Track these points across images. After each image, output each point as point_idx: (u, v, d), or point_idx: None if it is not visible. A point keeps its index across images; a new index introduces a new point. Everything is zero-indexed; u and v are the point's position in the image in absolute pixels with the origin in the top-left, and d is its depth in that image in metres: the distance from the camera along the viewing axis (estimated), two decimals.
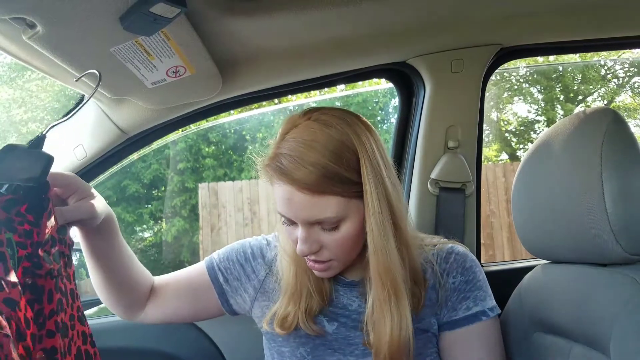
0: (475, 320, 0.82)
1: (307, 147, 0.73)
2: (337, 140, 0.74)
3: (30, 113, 6.14)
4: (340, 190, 0.73)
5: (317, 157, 0.72)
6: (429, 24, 1.08)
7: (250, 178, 5.54)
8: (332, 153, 0.73)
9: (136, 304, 0.93)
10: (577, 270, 0.81)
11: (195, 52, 0.88)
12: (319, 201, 0.73)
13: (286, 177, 0.73)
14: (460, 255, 0.85)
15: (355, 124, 0.76)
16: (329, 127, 0.74)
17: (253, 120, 5.79)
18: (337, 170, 0.72)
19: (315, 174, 0.72)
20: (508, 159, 8.01)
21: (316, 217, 0.74)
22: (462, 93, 1.22)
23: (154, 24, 0.71)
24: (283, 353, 0.88)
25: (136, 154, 1.24)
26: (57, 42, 0.73)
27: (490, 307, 0.84)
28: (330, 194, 0.73)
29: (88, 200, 0.74)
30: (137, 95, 0.99)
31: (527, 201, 0.88)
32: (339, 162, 0.73)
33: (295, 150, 0.73)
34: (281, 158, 0.74)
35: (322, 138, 0.73)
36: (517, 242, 4.83)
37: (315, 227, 0.76)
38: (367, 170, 0.74)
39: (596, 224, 0.73)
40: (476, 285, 0.84)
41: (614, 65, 8.02)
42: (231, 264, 0.94)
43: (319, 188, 0.72)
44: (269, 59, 1.07)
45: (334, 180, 0.72)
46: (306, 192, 0.72)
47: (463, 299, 0.83)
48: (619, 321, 0.67)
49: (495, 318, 0.84)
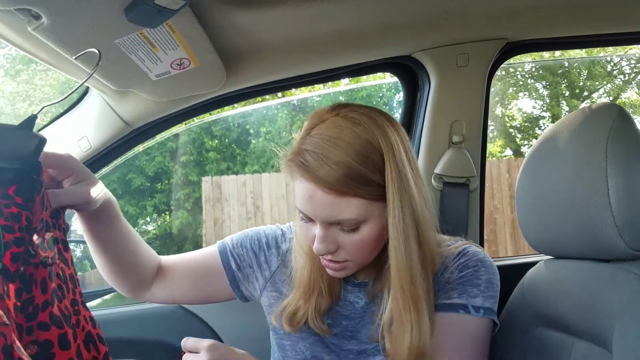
0: (451, 310, 0.78)
1: (333, 144, 0.70)
2: (364, 139, 0.71)
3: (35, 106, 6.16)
4: (363, 192, 0.71)
5: (342, 155, 0.70)
6: (434, 18, 1.07)
7: (254, 172, 5.55)
8: (358, 153, 0.70)
9: (142, 284, 0.93)
10: (581, 266, 0.81)
11: (200, 45, 0.87)
12: (341, 202, 0.71)
13: (309, 174, 0.71)
14: (467, 255, 0.81)
15: (384, 124, 0.74)
16: (356, 125, 0.72)
17: (257, 113, 5.79)
18: (361, 171, 0.70)
19: (339, 172, 0.69)
20: (512, 155, 7.99)
21: (336, 217, 0.72)
22: (467, 88, 1.21)
23: (159, 15, 0.70)
24: (284, 346, 0.89)
25: (141, 146, 1.24)
26: (62, 33, 0.73)
27: (477, 305, 0.77)
28: (352, 196, 0.71)
29: (85, 184, 0.71)
30: (141, 88, 1.00)
31: (531, 196, 0.88)
32: (364, 163, 0.70)
33: (320, 147, 0.71)
34: (305, 154, 0.72)
35: (349, 136, 0.71)
36: (520, 239, 4.82)
37: (334, 227, 0.74)
38: (392, 175, 0.71)
39: (600, 220, 0.73)
40: (472, 283, 0.79)
41: (620, 61, 7.97)
42: (244, 251, 0.94)
43: (342, 188, 0.70)
44: (273, 51, 1.07)
45: (357, 182, 0.70)
46: (328, 191, 0.70)
47: (449, 290, 0.79)
48: (621, 317, 0.67)
49: (481, 320, 0.78)
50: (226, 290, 0.95)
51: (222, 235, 4.86)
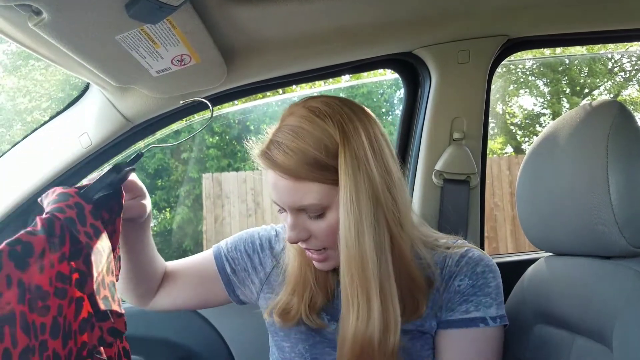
0: (472, 325, 0.77)
1: (292, 133, 0.73)
2: (320, 126, 0.73)
3: (35, 102, 6.15)
4: (320, 176, 0.72)
5: (298, 142, 0.72)
6: (435, 14, 1.07)
7: (254, 169, 5.54)
8: (313, 138, 0.72)
9: (149, 292, 0.94)
10: (581, 262, 0.81)
11: (201, 41, 0.87)
12: (300, 187, 0.72)
13: (269, 162, 0.74)
14: (473, 259, 0.80)
15: (344, 112, 0.75)
16: (315, 114, 0.74)
17: (257, 110, 5.78)
18: (316, 156, 0.72)
19: (294, 158, 0.72)
20: (513, 152, 7.98)
21: (299, 203, 0.73)
22: (468, 84, 1.21)
23: (160, 11, 0.70)
24: (283, 348, 0.88)
25: (142, 142, 1.24)
26: (62, 29, 0.73)
27: (494, 316, 0.77)
28: (310, 180, 0.72)
29: (140, 199, 0.77)
30: (142, 84, 0.99)
31: (531, 193, 0.88)
32: (318, 148, 0.72)
33: (282, 137, 0.74)
34: (271, 145, 0.75)
35: (307, 124, 0.73)
36: (520, 236, 4.83)
37: (302, 214, 0.76)
38: (346, 159, 0.71)
39: (601, 217, 0.73)
40: (484, 291, 0.78)
41: (621, 58, 7.95)
42: (239, 254, 0.94)
43: (299, 173, 0.72)
44: (274, 48, 1.06)
45: (313, 166, 0.72)
46: (287, 177, 0.73)
47: (464, 302, 0.78)
48: (621, 314, 0.67)
49: (498, 328, 0.78)
50: (222, 295, 0.95)
51: (222, 232, 4.87)
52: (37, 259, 0.56)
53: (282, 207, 0.77)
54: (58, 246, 0.58)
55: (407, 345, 0.79)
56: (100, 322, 0.62)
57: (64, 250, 0.59)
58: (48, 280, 0.56)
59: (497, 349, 0.79)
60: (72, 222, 0.60)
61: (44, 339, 0.55)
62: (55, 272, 0.57)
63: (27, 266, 0.55)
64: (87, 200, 0.65)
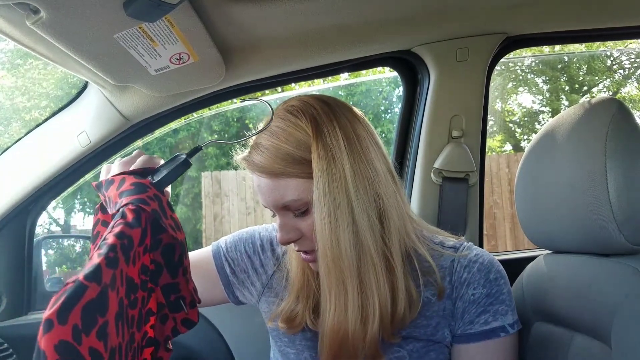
0: (493, 336, 0.76)
1: (270, 134, 0.74)
2: (294, 123, 0.74)
3: (34, 101, 6.14)
4: (296, 171, 0.72)
5: (272, 139, 0.73)
6: (434, 12, 1.07)
7: None
8: (286, 134, 0.73)
9: None
10: (580, 260, 0.81)
11: (199, 39, 0.87)
12: (279, 184, 0.73)
13: (248, 163, 0.75)
14: (484, 265, 0.78)
15: (322, 107, 0.75)
16: (291, 112, 0.75)
17: (256, 108, 5.78)
18: (289, 151, 0.72)
19: (268, 155, 0.73)
20: (512, 150, 7.99)
21: (281, 201, 0.74)
22: (467, 82, 1.21)
23: (158, 10, 0.70)
24: (288, 354, 0.86)
25: (140, 141, 1.24)
26: (60, 28, 0.73)
27: (511, 322, 0.77)
28: (287, 176, 0.72)
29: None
30: (140, 82, 0.99)
31: (530, 191, 0.88)
32: (290, 143, 0.72)
33: (261, 139, 0.75)
34: (251, 149, 0.76)
35: (282, 123, 0.74)
36: (519, 233, 4.83)
37: (288, 213, 0.75)
38: (319, 151, 0.71)
39: (600, 214, 0.73)
40: (499, 299, 0.77)
41: (619, 55, 7.96)
42: (239, 254, 0.91)
43: (274, 170, 0.72)
44: (272, 46, 1.06)
45: (287, 161, 0.72)
46: (265, 175, 0.73)
47: (482, 313, 0.77)
48: (620, 311, 0.67)
49: (515, 334, 0.78)
50: (221, 295, 0.93)
51: (221, 231, 4.86)
52: (134, 252, 0.56)
53: (269, 208, 0.77)
54: (144, 238, 0.58)
55: (421, 353, 0.78)
56: (174, 313, 0.62)
57: (146, 243, 0.59)
58: (137, 273, 0.57)
59: (515, 355, 0.79)
60: (157, 214, 0.60)
61: (132, 331, 0.56)
62: (141, 265, 0.58)
63: (129, 260, 0.55)
64: (160, 191, 0.64)
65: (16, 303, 1.24)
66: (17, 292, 1.24)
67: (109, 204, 0.63)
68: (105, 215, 0.68)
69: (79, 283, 0.45)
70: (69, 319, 0.43)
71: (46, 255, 4.75)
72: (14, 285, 1.24)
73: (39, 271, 1.35)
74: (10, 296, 1.23)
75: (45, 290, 1.47)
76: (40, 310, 1.28)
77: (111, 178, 0.63)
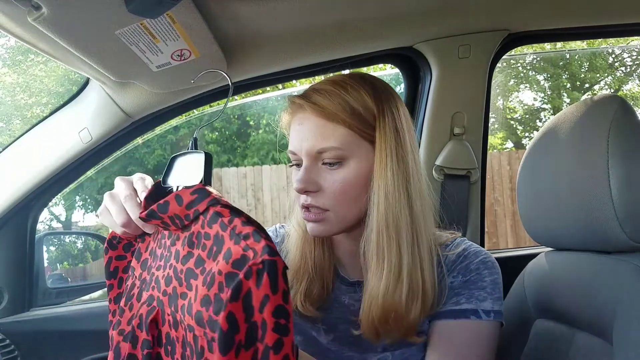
0: (461, 316, 0.74)
1: (335, 84, 0.76)
2: (366, 91, 0.76)
3: (35, 97, 6.14)
4: (352, 123, 0.73)
5: (340, 91, 0.75)
6: (436, 9, 1.06)
7: (254, 164, 5.54)
8: (354, 90, 0.75)
9: None
10: (581, 257, 0.81)
11: (200, 36, 0.87)
12: (329, 127, 0.73)
13: (304, 99, 0.76)
14: (468, 257, 0.78)
15: (388, 90, 0.78)
16: (361, 80, 0.77)
17: (257, 105, 5.77)
18: (352, 103, 0.74)
19: (332, 100, 0.74)
20: (513, 147, 7.98)
21: (320, 144, 0.74)
22: (469, 79, 1.21)
23: (159, 6, 0.70)
24: None
25: (140, 139, 1.24)
26: (62, 24, 0.72)
27: (487, 309, 0.74)
28: (341, 123, 0.73)
29: None
30: (142, 79, 0.99)
31: (532, 188, 0.88)
32: (354, 98, 0.74)
33: (324, 86, 0.76)
34: (309, 91, 0.77)
35: (353, 82, 0.76)
36: (520, 231, 4.83)
37: (318, 163, 0.75)
38: (386, 119, 0.74)
39: (601, 212, 0.73)
40: (477, 285, 0.76)
41: (621, 53, 7.94)
42: None
43: (332, 112, 0.73)
44: (274, 43, 1.06)
45: (346, 111, 0.73)
46: (318, 114, 0.74)
47: (455, 295, 0.76)
48: (622, 309, 0.67)
49: (491, 324, 0.75)
50: None
51: None
52: None
53: (299, 155, 0.76)
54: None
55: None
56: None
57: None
58: None
59: (489, 346, 0.75)
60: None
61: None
62: None
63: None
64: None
65: (18, 299, 1.24)
66: (18, 288, 1.24)
67: (171, 223, 0.63)
68: (115, 251, 0.73)
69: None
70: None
71: (47, 251, 4.76)
72: (15, 282, 1.24)
73: (40, 267, 1.35)
74: (12, 292, 1.23)
75: (47, 286, 1.48)
76: (42, 307, 1.28)
77: (163, 201, 0.63)
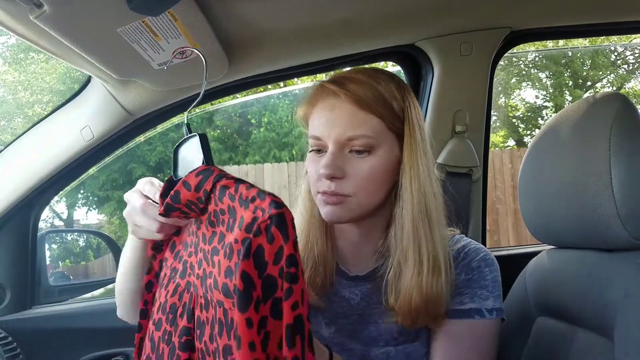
0: (465, 317, 0.75)
1: (367, 75, 0.77)
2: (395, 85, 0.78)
3: (36, 95, 6.15)
4: (384, 114, 0.75)
5: (372, 81, 0.76)
6: (438, 6, 1.06)
7: (255, 162, 5.55)
8: (386, 85, 0.77)
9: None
10: (583, 255, 0.81)
11: (202, 34, 0.87)
12: (360, 115, 0.74)
13: (338, 86, 0.76)
14: (469, 254, 0.79)
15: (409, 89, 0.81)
16: (390, 76, 0.79)
17: (258, 103, 5.77)
18: (384, 94, 0.76)
19: (366, 89, 0.75)
20: (515, 145, 7.97)
21: (350, 132, 0.74)
22: (471, 77, 1.21)
23: (161, 4, 0.70)
24: None
25: (142, 137, 1.24)
26: (64, 22, 0.73)
27: (490, 307, 0.76)
28: (373, 113, 0.75)
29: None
30: (143, 77, 0.99)
31: (534, 186, 0.88)
32: (386, 89, 0.76)
33: (357, 75, 0.77)
34: (341, 77, 0.78)
35: (381, 76, 0.78)
36: (522, 229, 4.83)
37: (344, 150, 0.75)
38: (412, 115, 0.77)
39: (603, 209, 0.73)
40: (480, 284, 0.77)
41: (624, 50, 7.92)
42: None
43: (365, 100, 0.74)
44: (275, 41, 1.06)
45: (378, 101, 0.75)
46: (351, 102, 0.74)
47: (458, 295, 0.77)
48: (623, 307, 0.67)
49: (494, 321, 0.76)
50: None
51: None
52: None
53: (325, 142, 0.76)
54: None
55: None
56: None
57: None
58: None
59: (492, 343, 0.77)
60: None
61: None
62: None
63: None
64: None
65: (20, 297, 1.24)
66: (21, 286, 1.25)
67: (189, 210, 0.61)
68: (162, 253, 0.72)
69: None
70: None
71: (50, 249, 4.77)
72: (17, 280, 1.25)
73: (42, 265, 1.36)
74: (14, 290, 1.23)
75: (49, 284, 1.48)
76: (44, 305, 1.28)
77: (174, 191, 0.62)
